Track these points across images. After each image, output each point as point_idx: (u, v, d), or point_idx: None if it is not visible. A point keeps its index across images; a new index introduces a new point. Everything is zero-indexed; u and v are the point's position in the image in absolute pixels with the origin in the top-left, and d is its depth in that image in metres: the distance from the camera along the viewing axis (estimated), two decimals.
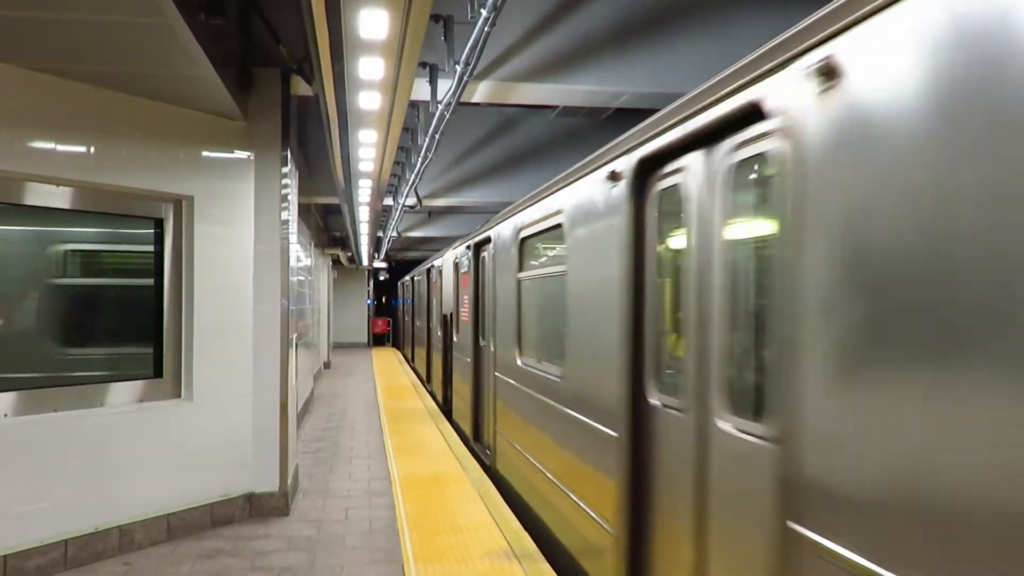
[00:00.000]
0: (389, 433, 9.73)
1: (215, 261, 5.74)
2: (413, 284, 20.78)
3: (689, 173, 3.18)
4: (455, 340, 10.65)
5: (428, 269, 15.44)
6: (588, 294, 4.32)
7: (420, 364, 17.63)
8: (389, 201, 13.73)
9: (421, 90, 6.75)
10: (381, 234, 19.71)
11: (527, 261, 6.26)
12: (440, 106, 6.88)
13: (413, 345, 20.85)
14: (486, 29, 5.25)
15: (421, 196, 13.23)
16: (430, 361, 14.78)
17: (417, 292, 19.02)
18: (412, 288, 21.11)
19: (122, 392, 5.33)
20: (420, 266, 18.31)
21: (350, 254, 22.14)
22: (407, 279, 24.11)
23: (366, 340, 31.40)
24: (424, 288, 16.53)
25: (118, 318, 5.69)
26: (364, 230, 15.36)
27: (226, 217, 5.82)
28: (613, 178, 3.90)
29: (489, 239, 7.71)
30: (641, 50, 6.61)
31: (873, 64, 1.99)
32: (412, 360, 20.92)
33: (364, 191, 10.16)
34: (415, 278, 19.93)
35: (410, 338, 22.20)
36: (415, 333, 20.01)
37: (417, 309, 18.99)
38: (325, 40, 4.28)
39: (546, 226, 5.42)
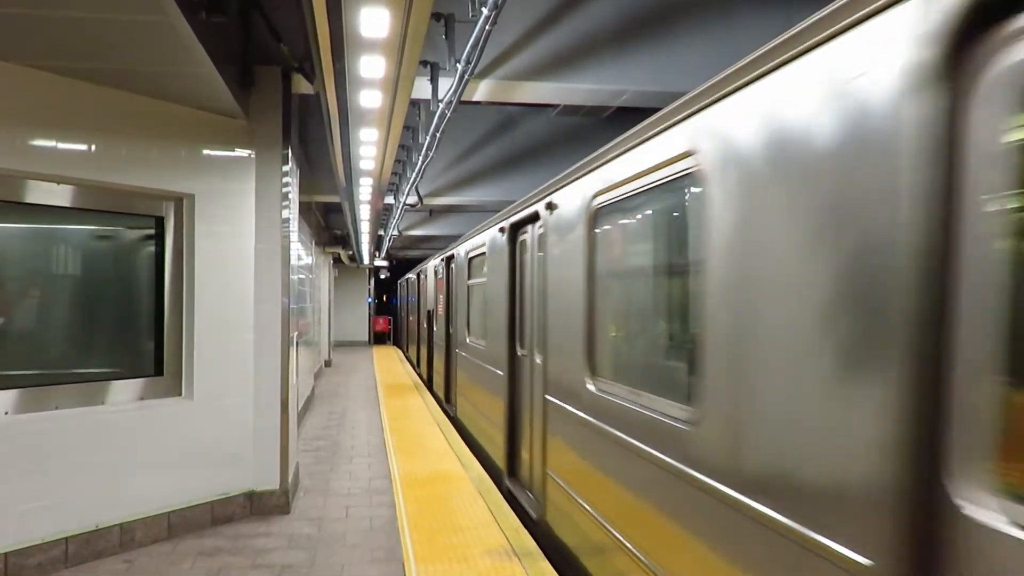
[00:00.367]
0: (390, 432, 9.73)
1: (216, 259, 5.74)
2: (407, 284, 23.72)
3: (527, 234, 6.15)
4: (434, 329, 13.76)
5: (418, 273, 18.46)
6: (496, 295, 7.27)
7: (412, 352, 21.41)
8: (390, 200, 13.73)
9: (422, 88, 6.75)
10: (382, 233, 19.71)
11: (472, 273, 9.21)
12: (441, 104, 6.88)
13: (410, 341, 23.24)
14: (487, 28, 5.25)
15: (422, 195, 13.23)
16: (419, 348, 18.62)
17: (411, 292, 21.79)
18: (407, 288, 24.03)
19: (123, 390, 5.34)
20: (414, 268, 21.12)
21: (351, 253, 22.13)
22: (406, 278, 25.59)
23: (367, 339, 31.46)
24: (416, 288, 19.53)
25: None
26: (365, 228, 15.35)
27: (227, 215, 5.82)
28: (501, 231, 6.96)
29: (453, 255, 10.98)
30: (642, 49, 6.61)
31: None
32: (407, 350, 23.58)
33: (365, 189, 10.15)
34: (409, 279, 22.97)
35: (407, 334, 24.68)
36: (409, 327, 23.06)
37: (411, 306, 22.06)
38: (326, 38, 4.28)
39: (478, 253, 8.53)
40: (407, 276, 22.85)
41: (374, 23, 4.07)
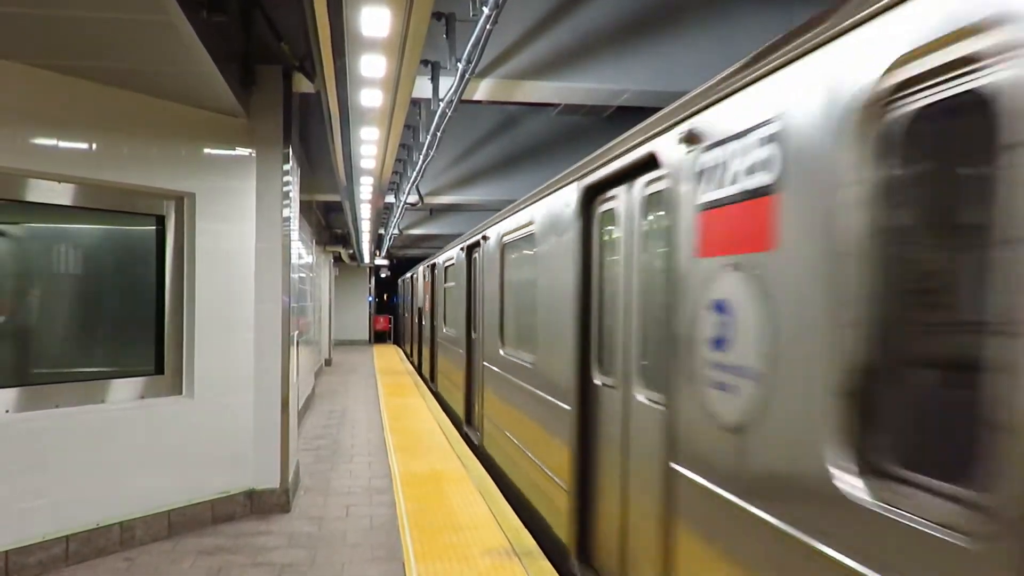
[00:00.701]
0: (390, 430, 9.74)
1: (216, 258, 5.74)
2: (402, 285, 27.66)
3: (477, 253, 8.05)
4: (423, 323, 17.53)
5: (411, 275, 22.80)
6: (458, 296, 9.89)
7: (407, 346, 24.78)
8: (391, 199, 13.72)
9: (423, 88, 6.74)
10: (383, 231, 19.71)
11: (447, 279, 12.23)
12: (442, 104, 6.88)
13: (406, 335, 26.30)
14: (488, 27, 5.25)
15: (423, 194, 13.24)
16: (411, 339, 22.71)
17: (407, 291, 25.61)
18: (406, 287, 26.84)
19: (123, 388, 5.34)
20: (412, 269, 23.69)
21: (351, 251, 22.13)
22: (406, 277, 26.61)
23: (367, 337, 31.49)
24: (410, 288, 23.48)
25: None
26: (365, 227, 15.36)
27: (227, 214, 5.83)
28: (462, 250, 9.00)
29: (435, 264, 14.25)
30: (642, 48, 6.61)
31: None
32: (404, 346, 26.60)
33: (365, 188, 10.15)
34: (404, 280, 26.81)
35: (406, 329, 27.38)
36: (407, 323, 26.34)
37: (407, 304, 25.77)
38: (327, 37, 4.28)
39: (449, 263, 11.63)
40: (406, 275, 25.76)
41: (375, 22, 4.07)
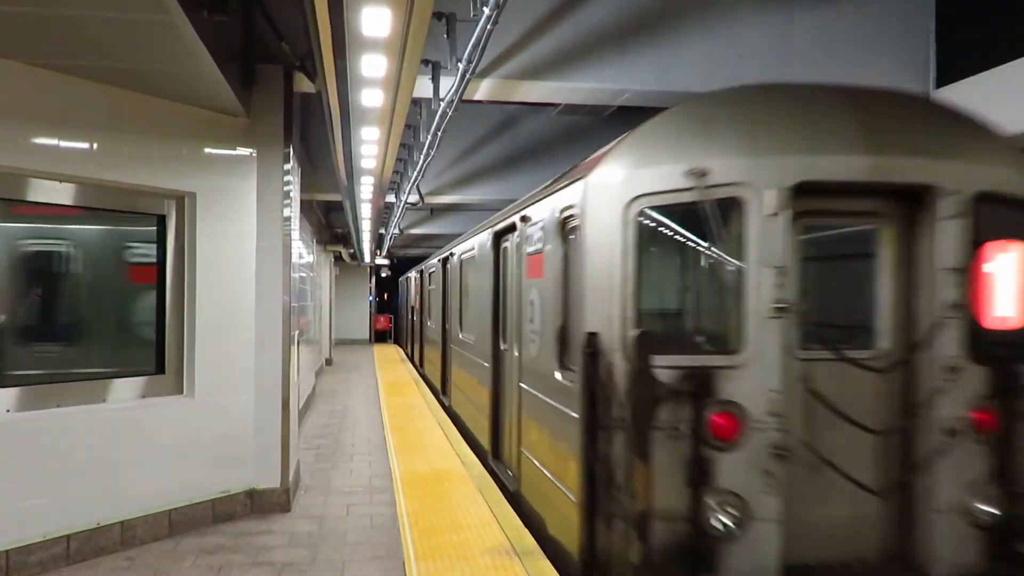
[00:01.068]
0: (390, 430, 9.75)
1: (217, 258, 5.74)
2: (403, 284, 29.71)
3: (449, 263, 11.79)
4: (414, 319, 21.29)
5: (406, 278, 26.31)
6: (437, 296, 13.49)
7: (406, 345, 26.76)
8: (391, 198, 13.74)
9: (423, 87, 6.75)
10: (383, 231, 19.73)
11: (433, 282, 14.79)
12: (442, 103, 6.89)
13: (405, 333, 28.02)
14: (488, 27, 5.25)
15: (423, 193, 13.25)
16: (408, 335, 25.15)
17: (404, 291, 28.47)
18: (405, 287, 28.96)
19: (124, 388, 5.34)
20: (410, 270, 25.83)
21: (352, 251, 22.15)
22: (405, 277, 27.32)
23: (368, 337, 31.50)
24: (406, 289, 26.47)
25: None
26: (366, 227, 15.38)
27: (228, 214, 5.83)
28: (439, 261, 12.88)
29: (423, 270, 17.46)
30: (643, 48, 6.60)
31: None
32: (405, 344, 28.02)
33: (366, 188, 10.16)
34: (404, 280, 29.14)
35: (405, 327, 29.36)
36: (405, 321, 28.86)
37: (403, 303, 28.62)
38: (328, 37, 4.29)
39: (432, 270, 14.80)
40: (406, 275, 27.20)
41: (376, 22, 4.08)
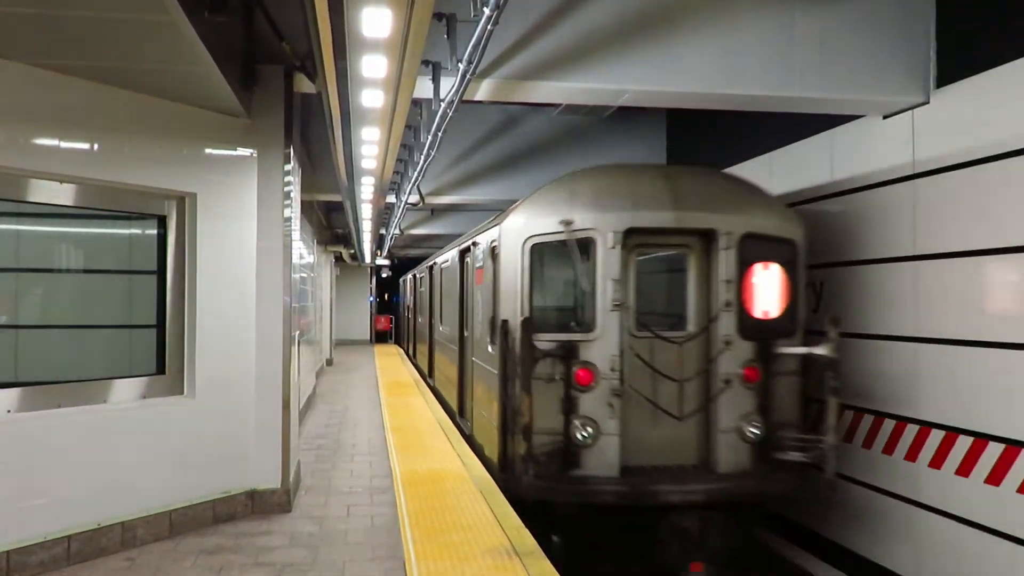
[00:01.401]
0: (391, 430, 9.75)
1: (218, 258, 5.74)
2: (403, 285, 31.05)
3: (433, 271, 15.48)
4: (409, 317, 24.54)
5: (403, 280, 29.27)
6: (425, 298, 17.48)
7: (405, 344, 28.47)
8: (392, 198, 13.72)
9: (424, 88, 6.74)
10: (384, 231, 19.72)
11: (423, 285, 18.24)
12: (443, 104, 6.88)
13: (404, 333, 30.07)
14: (489, 27, 5.24)
15: (424, 193, 13.24)
16: (406, 332, 27.50)
17: (402, 292, 30.49)
18: (405, 287, 30.55)
19: (125, 388, 5.35)
20: (409, 272, 27.48)
21: (352, 251, 22.13)
22: (405, 278, 28.16)
23: (368, 337, 31.52)
24: (404, 290, 28.97)
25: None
26: (366, 227, 15.36)
27: (229, 214, 5.83)
28: (426, 268, 17.15)
29: (416, 275, 20.87)
30: (644, 48, 6.59)
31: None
32: (403, 344, 29.58)
33: (366, 188, 10.15)
34: (404, 280, 30.78)
35: (403, 329, 31.24)
36: (404, 322, 31.05)
37: (403, 303, 30.52)
38: (328, 37, 4.28)
39: (422, 277, 18.88)
40: (406, 276, 28.48)
41: (376, 22, 4.07)
